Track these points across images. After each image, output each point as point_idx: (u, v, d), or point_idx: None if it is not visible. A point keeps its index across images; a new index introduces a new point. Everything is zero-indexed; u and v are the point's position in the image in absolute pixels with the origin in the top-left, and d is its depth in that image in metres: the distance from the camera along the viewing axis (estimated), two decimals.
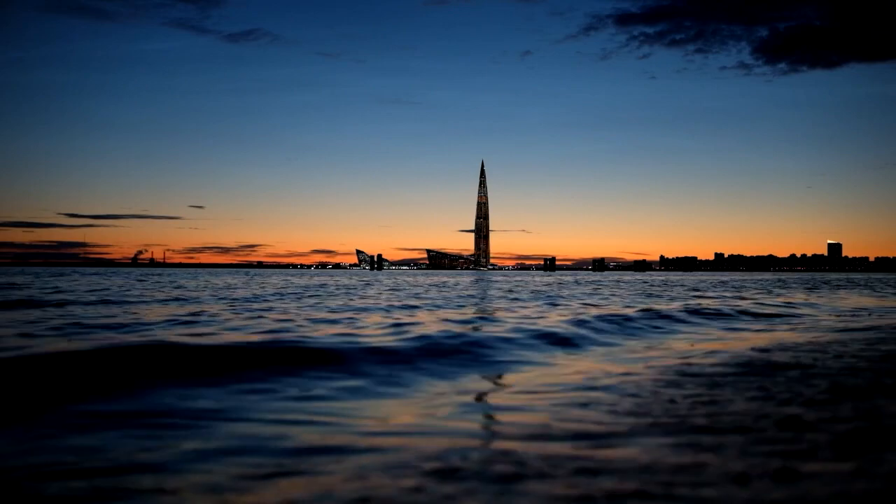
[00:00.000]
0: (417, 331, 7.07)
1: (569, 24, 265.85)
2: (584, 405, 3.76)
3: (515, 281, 43.77)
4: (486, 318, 9.93)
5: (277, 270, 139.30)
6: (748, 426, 3.20)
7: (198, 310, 11.51)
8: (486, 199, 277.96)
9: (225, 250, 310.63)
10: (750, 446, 2.84)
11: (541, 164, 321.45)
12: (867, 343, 6.78)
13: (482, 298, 17.40)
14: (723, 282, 42.12)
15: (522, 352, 6.10)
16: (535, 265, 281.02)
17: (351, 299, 16.03)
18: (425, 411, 3.71)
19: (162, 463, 2.69)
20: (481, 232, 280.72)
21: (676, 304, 13.10)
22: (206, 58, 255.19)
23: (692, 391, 4.14)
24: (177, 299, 15.16)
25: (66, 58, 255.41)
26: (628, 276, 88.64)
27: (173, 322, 8.95)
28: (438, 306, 13.26)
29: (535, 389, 4.33)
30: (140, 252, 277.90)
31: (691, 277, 64.60)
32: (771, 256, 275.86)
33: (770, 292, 21.93)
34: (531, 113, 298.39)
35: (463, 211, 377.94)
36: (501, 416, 3.63)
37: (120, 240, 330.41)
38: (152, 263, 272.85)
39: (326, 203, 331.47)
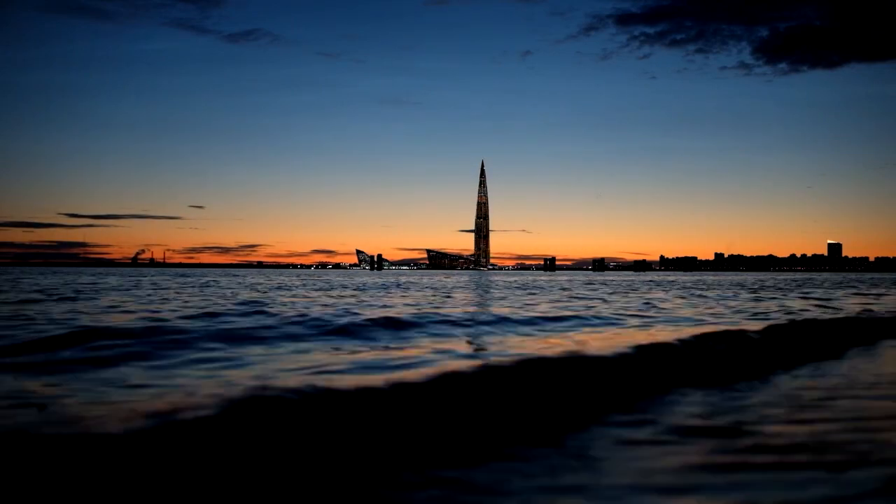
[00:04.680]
0: None
1: (569, 24, 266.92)
2: None
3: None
4: None
5: (278, 270, 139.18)
6: None
7: None
8: (486, 199, 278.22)
9: (225, 250, 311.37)
10: None
11: (541, 164, 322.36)
12: None
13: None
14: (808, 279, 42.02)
15: None
16: (535, 265, 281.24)
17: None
18: None
19: None
20: (481, 232, 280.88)
21: None
22: (206, 58, 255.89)
23: None
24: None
25: (66, 58, 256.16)
26: (629, 276, 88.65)
27: None
28: None
29: None
30: (140, 252, 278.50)
31: (732, 278, 64.66)
32: (771, 256, 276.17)
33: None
34: (531, 113, 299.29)
35: (463, 211, 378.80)
36: None
37: (120, 240, 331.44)
38: (152, 263, 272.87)
39: (326, 203, 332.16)
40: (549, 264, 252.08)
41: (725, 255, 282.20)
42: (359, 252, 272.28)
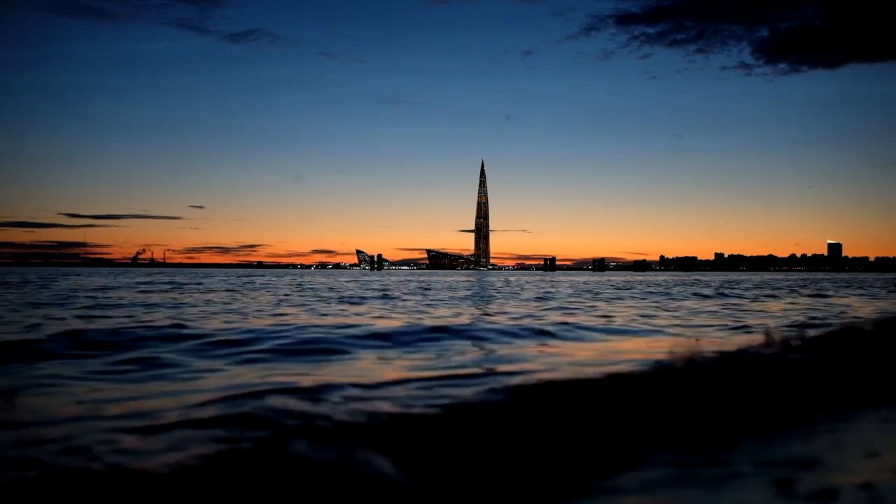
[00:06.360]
0: None
1: (570, 25, 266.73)
2: None
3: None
4: None
5: (278, 271, 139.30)
6: None
7: None
8: (486, 199, 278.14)
9: (225, 250, 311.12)
10: None
11: (541, 164, 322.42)
12: None
13: None
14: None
15: None
16: (535, 265, 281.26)
17: None
18: None
19: None
20: (481, 232, 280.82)
21: None
22: (206, 58, 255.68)
23: None
24: None
25: (66, 58, 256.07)
26: (628, 276, 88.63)
27: None
28: None
29: None
30: (140, 252, 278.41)
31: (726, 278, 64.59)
32: (771, 256, 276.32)
33: None
34: (531, 113, 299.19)
35: (463, 211, 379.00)
36: None
37: (120, 240, 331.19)
38: (152, 263, 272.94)
39: (326, 203, 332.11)
40: (549, 264, 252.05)
41: (725, 256, 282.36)
42: (359, 252, 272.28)
